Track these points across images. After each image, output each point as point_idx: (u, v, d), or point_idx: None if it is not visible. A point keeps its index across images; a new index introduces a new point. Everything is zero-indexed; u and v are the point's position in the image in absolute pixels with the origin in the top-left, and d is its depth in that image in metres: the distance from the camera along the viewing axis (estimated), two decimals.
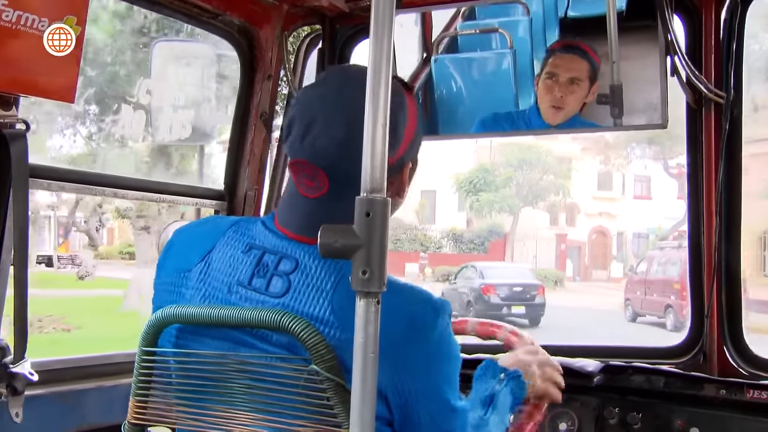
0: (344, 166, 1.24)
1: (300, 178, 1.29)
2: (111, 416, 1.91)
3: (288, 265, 1.26)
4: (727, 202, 2.12)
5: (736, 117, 2.10)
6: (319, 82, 1.36)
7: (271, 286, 1.26)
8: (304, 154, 1.27)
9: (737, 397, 1.99)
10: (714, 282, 2.12)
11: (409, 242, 26.65)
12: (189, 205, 2.37)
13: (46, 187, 1.89)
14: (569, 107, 2.18)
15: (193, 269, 1.33)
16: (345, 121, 1.25)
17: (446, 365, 1.27)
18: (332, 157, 1.25)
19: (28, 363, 1.70)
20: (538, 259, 26.97)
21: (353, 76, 1.32)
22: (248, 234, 1.32)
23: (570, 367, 2.13)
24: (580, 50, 2.17)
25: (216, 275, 1.30)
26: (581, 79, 2.16)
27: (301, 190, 1.30)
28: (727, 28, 2.09)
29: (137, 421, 1.34)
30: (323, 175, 1.26)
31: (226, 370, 1.26)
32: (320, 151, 1.25)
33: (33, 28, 1.62)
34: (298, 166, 1.29)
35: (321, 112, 1.28)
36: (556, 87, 2.17)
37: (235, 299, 1.27)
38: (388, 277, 1.12)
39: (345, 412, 1.16)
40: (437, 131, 2.43)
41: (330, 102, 1.29)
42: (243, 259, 1.29)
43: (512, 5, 2.25)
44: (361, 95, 1.25)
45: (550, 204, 28.01)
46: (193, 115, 2.48)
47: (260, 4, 2.30)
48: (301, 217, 1.30)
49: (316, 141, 1.26)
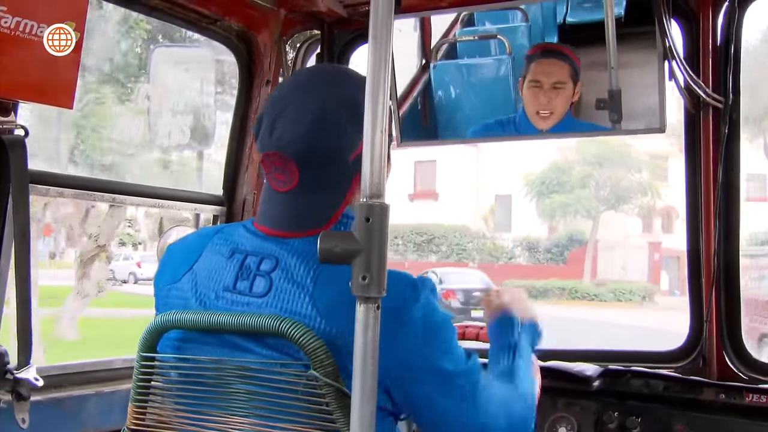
0: (312, 155, 1.27)
1: (271, 172, 1.32)
2: (110, 422, 1.91)
3: (268, 264, 1.28)
4: (726, 206, 2.13)
5: (734, 121, 2.10)
6: (288, 80, 1.40)
7: (254, 287, 1.27)
8: (271, 146, 1.29)
9: (736, 401, 1.99)
10: (713, 286, 2.13)
11: (477, 252, 24.47)
12: (188, 210, 2.37)
13: (45, 193, 1.89)
14: (557, 111, 2.19)
15: (181, 279, 1.35)
16: (311, 111, 1.28)
17: (436, 337, 1.26)
18: (299, 145, 1.27)
19: (33, 369, 1.70)
20: (627, 271, 23.36)
21: (321, 71, 1.39)
22: (231, 239, 1.35)
23: (569, 372, 2.14)
24: (559, 53, 2.18)
25: (203, 282, 1.32)
26: (564, 81, 2.17)
27: (273, 185, 1.32)
28: (724, 32, 2.10)
29: (136, 427, 1.34)
30: (293, 165, 1.28)
31: (225, 376, 1.26)
32: (287, 142, 1.28)
33: (32, 34, 1.62)
34: (268, 159, 1.31)
35: (288, 105, 1.31)
36: (540, 93, 2.19)
37: (222, 304, 1.29)
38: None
39: (344, 417, 1.16)
40: (436, 136, 2.43)
41: (296, 95, 1.31)
42: (227, 265, 1.31)
43: (511, 11, 2.26)
44: (329, 87, 1.29)
45: (639, 207, 24.17)
46: (192, 120, 2.48)
47: (259, 9, 2.30)
48: (275, 212, 1.32)
49: (284, 132, 1.28)
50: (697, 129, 2.15)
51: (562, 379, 2.10)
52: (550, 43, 2.21)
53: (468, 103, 2.34)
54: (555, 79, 2.18)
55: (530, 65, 2.21)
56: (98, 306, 11.08)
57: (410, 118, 2.39)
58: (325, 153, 1.27)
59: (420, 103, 2.37)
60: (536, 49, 2.21)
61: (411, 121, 2.39)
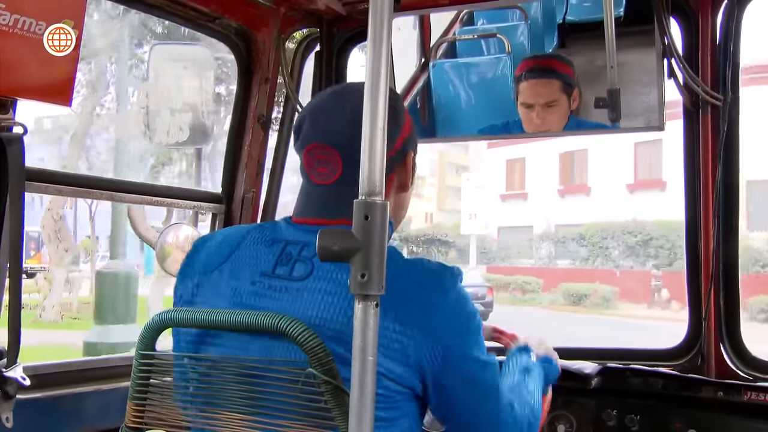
0: (356, 145, 1.27)
1: (313, 167, 1.34)
2: (109, 420, 1.91)
3: (310, 251, 1.30)
4: (725, 204, 2.13)
5: (733, 119, 2.10)
6: (326, 90, 1.45)
7: (295, 271, 1.29)
8: (317, 138, 1.33)
9: (735, 399, 1.99)
10: (712, 284, 2.13)
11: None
12: (187, 208, 2.36)
13: (44, 190, 1.89)
14: (553, 126, 2.19)
15: (215, 271, 1.36)
16: (352, 110, 1.31)
17: (471, 325, 1.30)
18: (345, 135, 1.31)
19: (20, 367, 1.70)
20: None
21: (351, 83, 1.43)
22: (271, 230, 1.37)
23: (568, 370, 2.14)
24: (546, 71, 2.17)
25: (241, 271, 1.33)
26: (555, 99, 2.17)
27: (315, 180, 1.35)
28: (723, 30, 2.10)
29: (134, 425, 1.34)
30: (336, 155, 1.31)
31: (224, 373, 1.26)
32: (333, 131, 1.32)
33: (30, 31, 1.62)
34: (311, 153, 1.34)
35: (328, 105, 1.36)
36: (533, 114, 2.19)
37: (259, 288, 1.30)
38: (398, 255, 1.26)
39: (342, 415, 1.16)
40: (435, 134, 2.44)
41: (335, 97, 1.38)
42: (266, 252, 1.33)
43: (511, 10, 2.26)
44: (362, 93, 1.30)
45: None
46: (191, 117, 2.48)
47: (258, 7, 2.30)
48: (317, 203, 1.34)
49: (328, 123, 1.33)
50: (696, 127, 2.15)
51: (560, 377, 2.10)
52: (536, 59, 2.20)
53: (467, 102, 2.34)
54: (545, 99, 2.18)
55: (519, 86, 2.20)
56: None
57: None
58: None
59: (419, 101, 2.37)
60: (522, 68, 2.21)
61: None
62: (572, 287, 20.92)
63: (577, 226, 23.49)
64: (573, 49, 2.19)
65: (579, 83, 2.16)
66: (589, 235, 23.08)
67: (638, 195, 22.70)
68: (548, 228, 25.40)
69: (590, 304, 20.25)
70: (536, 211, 25.55)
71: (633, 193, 23.19)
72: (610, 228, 22.37)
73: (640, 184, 22.96)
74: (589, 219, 23.04)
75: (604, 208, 22.95)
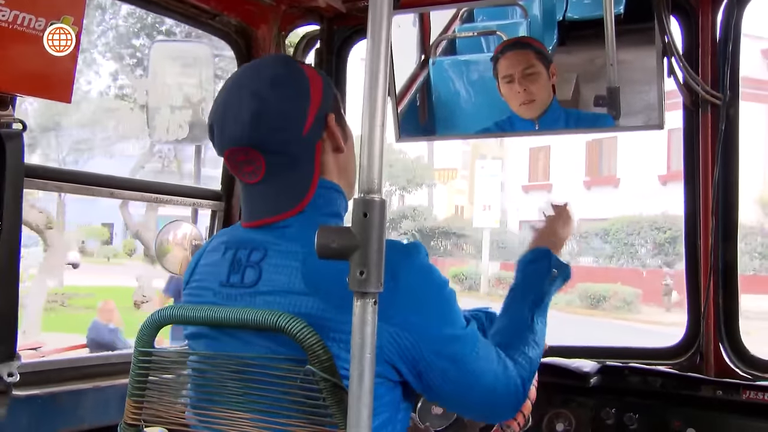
0: (265, 135, 1.29)
1: (239, 169, 1.34)
2: (107, 417, 1.91)
3: (258, 254, 1.30)
4: (724, 202, 2.13)
5: (732, 118, 2.10)
6: (222, 87, 1.42)
7: (246, 278, 1.30)
8: (228, 143, 1.32)
9: (733, 398, 1.99)
10: (710, 282, 2.13)
11: (748, 256, 17.36)
12: (186, 205, 2.36)
13: (42, 186, 1.89)
14: (538, 97, 2.19)
15: (189, 281, 1.42)
16: (246, 101, 1.30)
17: (433, 301, 1.27)
18: (251, 131, 1.29)
19: (15, 363, 1.70)
20: None
21: (246, 68, 1.40)
22: (227, 236, 1.39)
23: (567, 368, 2.14)
24: (520, 44, 2.20)
25: (204, 281, 1.37)
26: (533, 65, 2.18)
27: (246, 180, 1.34)
28: (723, 29, 2.10)
29: (133, 422, 1.34)
30: (253, 152, 1.30)
31: (222, 371, 1.27)
32: (239, 131, 1.30)
33: (30, 27, 1.62)
34: (231, 157, 1.33)
35: (225, 106, 1.33)
36: (515, 85, 2.19)
37: (218, 299, 1.32)
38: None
39: (341, 413, 1.16)
40: (434, 132, 2.44)
41: (229, 94, 1.35)
42: (221, 262, 1.34)
43: (511, 7, 2.26)
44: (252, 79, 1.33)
45: None
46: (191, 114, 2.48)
47: (258, 4, 2.30)
48: (254, 204, 1.34)
49: (233, 125, 1.31)
50: (696, 125, 2.15)
51: (559, 375, 2.10)
52: (509, 39, 2.23)
53: (467, 99, 2.33)
54: (523, 66, 2.19)
55: (497, 64, 2.23)
56: None
57: (409, 113, 2.39)
58: (277, 133, 1.30)
59: (419, 99, 2.37)
60: (498, 48, 2.24)
61: (410, 116, 2.39)
62: (590, 288, 18.75)
63: (603, 221, 21.29)
64: (573, 47, 2.19)
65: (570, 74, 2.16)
66: (614, 231, 21.03)
67: (671, 187, 19.81)
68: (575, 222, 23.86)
69: (609, 307, 18.40)
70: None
71: (665, 185, 21.05)
72: (637, 223, 20.31)
73: (674, 175, 20.25)
74: (616, 213, 20.97)
75: (633, 201, 21.01)
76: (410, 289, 1.24)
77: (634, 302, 18.52)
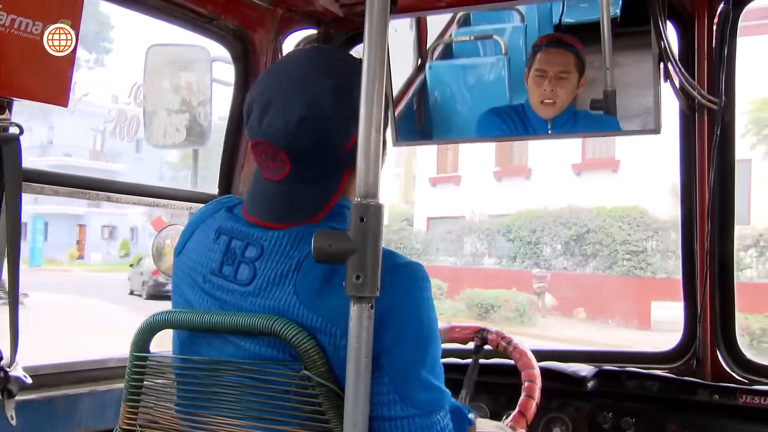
0: (304, 148, 1.24)
1: (262, 160, 1.29)
2: (104, 421, 1.91)
3: (253, 251, 1.26)
4: (720, 206, 2.13)
5: (728, 122, 2.11)
6: (278, 65, 1.35)
7: (239, 274, 1.26)
8: (262, 135, 1.26)
9: (730, 402, 2.00)
10: (707, 286, 2.13)
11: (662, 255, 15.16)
12: (183, 209, 2.36)
13: (40, 191, 1.88)
14: (560, 100, 2.19)
15: (181, 253, 1.36)
16: (302, 101, 1.24)
17: (428, 341, 1.21)
18: (290, 137, 1.23)
19: (20, 366, 1.70)
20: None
21: (312, 58, 1.31)
22: (224, 218, 1.33)
23: (563, 372, 2.14)
24: (565, 43, 2.18)
25: (194, 261, 1.32)
26: (569, 71, 2.17)
27: (264, 174, 1.30)
28: (719, 34, 2.10)
29: (128, 427, 1.34)
30: (284, 155, 1.25)
31: (217, 376, 1.26)
32: (277, 132, 1.24)
33: (27, 31, 1.62)
34: (258, 147, 1.28)
35: (277, 93, 1.26)
36: (545, 82, 2.19)
37: (209, 288, 1.29)
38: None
39: (337, 418, 1.15)
40: (431, 136, 2.44)
41: (287, 83, 1.27)
42: (214, 247, 1.30)
43: (507, 12, 2.26)
44: (319, 75, 1.25)
45: None
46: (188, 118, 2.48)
47: (255, 8, 2.30)
48: (265, 202, 1.30)
49: (273, 122, 1.25)
50: (692, 130, 2.16)
51: (556, 379, 2.10)
52: (556, 34, 2.20)
53: (464, 104, 2.34)
54: (559, 68, 2.17)
55: (536, 55, 2.20)
56: None
57: (406, 117, 2.39)
58: (317, 146, 1.24)
59: (416, 103, 2.38)
60: (543, 39, 2.21)
61: (406, 120, 2.40)
62: (478, 295, 16.38)
63: (507, 217, 18.91)
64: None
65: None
66: (516, 227, 18.33)
67: (585, 177, 18.72)
68: (481, 218, 20.32)
69: (500, 317, 15.76)
70: (471, 199, 20.56)
71: (579, 174, 19.25)
72: (540, 218, 17.54)
73: (588, 164, 19.16)
74: (521, 207, 18.40)
75: (543, 193, 18.35)
76: (415, 320, 1.19)
77: (528, 312, 16.16)
